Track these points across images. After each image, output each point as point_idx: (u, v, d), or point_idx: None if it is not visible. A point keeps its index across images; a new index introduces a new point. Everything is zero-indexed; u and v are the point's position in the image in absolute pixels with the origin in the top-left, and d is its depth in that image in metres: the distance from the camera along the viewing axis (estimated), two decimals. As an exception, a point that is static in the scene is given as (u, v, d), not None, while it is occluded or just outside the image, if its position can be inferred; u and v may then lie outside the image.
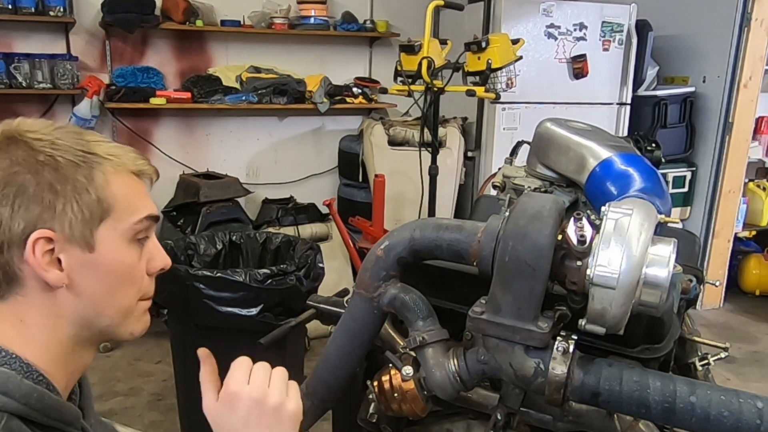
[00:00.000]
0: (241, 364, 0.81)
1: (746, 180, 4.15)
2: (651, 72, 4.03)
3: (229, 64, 4.03)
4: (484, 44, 2.78)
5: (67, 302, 0.75)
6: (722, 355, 1.15)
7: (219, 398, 0.80)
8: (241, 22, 3.90)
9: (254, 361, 0.82)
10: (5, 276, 0.73)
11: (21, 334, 0.75)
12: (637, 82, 3.94)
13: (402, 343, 1.06)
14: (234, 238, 2.64)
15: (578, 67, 3.68)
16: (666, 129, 3.95)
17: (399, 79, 3.00)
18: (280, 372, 0.82)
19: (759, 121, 4.19)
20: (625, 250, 0.73)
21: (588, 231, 0.75)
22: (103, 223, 0.75)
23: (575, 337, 0.80)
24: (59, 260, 0.73)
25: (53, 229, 0.72)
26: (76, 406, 0.81)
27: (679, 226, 1.02)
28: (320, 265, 2.38)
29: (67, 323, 0.76)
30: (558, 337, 0.80)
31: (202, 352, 0.84)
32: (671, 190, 3.93)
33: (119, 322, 0.80)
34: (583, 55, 3.68)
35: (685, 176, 4.07)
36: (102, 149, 0.77)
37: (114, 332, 0.81)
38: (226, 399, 0.79)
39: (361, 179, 3.92)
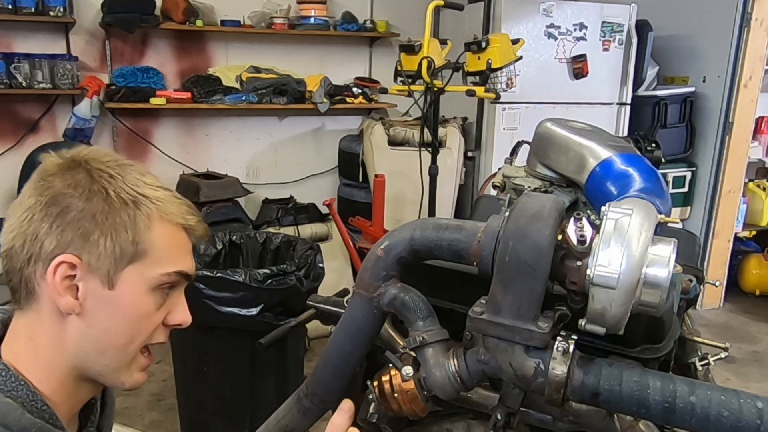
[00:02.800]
0: None
1: (746, 180, 4.15)
2: (651, 72, 4.03)
3: (229, 64, 4.03)
4: (484, 44, 2.79)
5: (74, 331, 0.75)
6: (722, 355, 1.15)
7: None
8: (241, 22, 3.90)
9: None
10: (26, 288, 0.75)
11: (30, 356, 0.76)
12: (637, 82, 3.94)
13: (402, 343, 1.06)
14: (234, 238, 2.64)
15: (578, 67, 3.68)
16: (666, 129, 3.95)
17: (399, 79, 3.00)
18: None
19: (759, 121, 4.18)
20: (625, 250, 0.73)
21: (588, 231, 0.75)
22: (131, 265, 0.75)
23: (575, 337, 0.80)
24: (78, 288, 0.74)
25: (80, 256, 0.73)
26: (91, 428, 0.83)
27: (679, 226, 1.02)
28: (320, 265, 2.38)
29: (69, 353, 0.76)
30: (558, 337, 0.80)
31: (346, 404, 0.80)
32: (671, 190, 3.92)
33: (116, 366, 0.79)
34: (583, 55, 3.68)
35: (685, 176, 4.07)
36: (155, 194, 0.77)
37: (107, 377, 0.80)
38: None
39: (361, 179, 3.91)
